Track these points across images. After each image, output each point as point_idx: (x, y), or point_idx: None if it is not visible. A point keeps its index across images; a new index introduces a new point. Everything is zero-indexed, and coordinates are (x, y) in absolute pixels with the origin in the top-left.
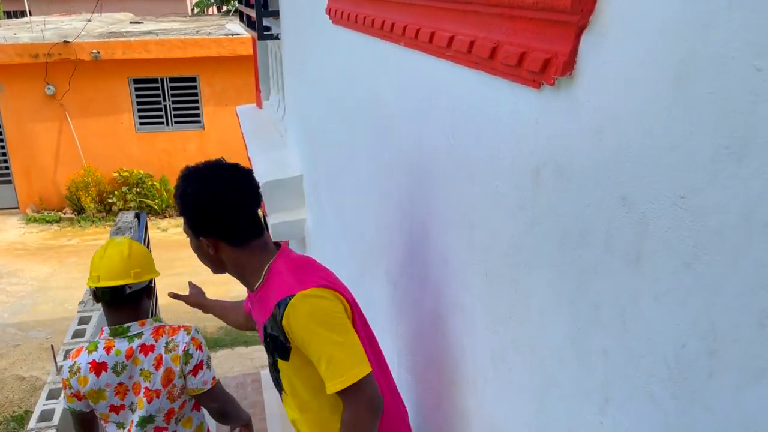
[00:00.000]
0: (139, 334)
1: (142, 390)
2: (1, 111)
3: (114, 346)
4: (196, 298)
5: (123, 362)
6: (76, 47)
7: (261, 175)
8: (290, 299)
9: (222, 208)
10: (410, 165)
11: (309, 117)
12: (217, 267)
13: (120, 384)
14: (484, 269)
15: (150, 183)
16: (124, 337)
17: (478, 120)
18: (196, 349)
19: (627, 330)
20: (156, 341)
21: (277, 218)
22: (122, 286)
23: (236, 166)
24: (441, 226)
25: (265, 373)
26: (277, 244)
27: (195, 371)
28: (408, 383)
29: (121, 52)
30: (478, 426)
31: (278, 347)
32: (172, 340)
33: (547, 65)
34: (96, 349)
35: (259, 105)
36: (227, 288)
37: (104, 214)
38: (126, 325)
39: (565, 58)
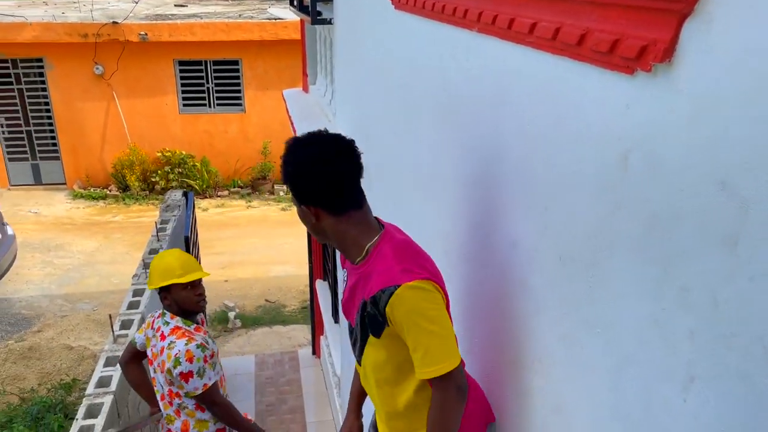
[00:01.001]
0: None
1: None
2: (50, 89)
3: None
4: None
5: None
6: (125, 28)
7: None
8: (396, 289)
9: (320, 175)
10: (478, 151)
11: (363, 103)
12: (321, 236)
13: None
14: (557, 252)
15: (191, 163)
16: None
17: (559, 106)
18: (187, 361)
19: (718, 311)
20: (167, 337)
21: None
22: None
23: (338, 136)
24: (509, 210)
25: (302, 352)
26: (380, 222)
27: (185, 378)
28: (465, 362)
29: (168, 34)
30: (543, 405)
31: (373, 324)
32: (173, 343)
33: (643, 52)
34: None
35: (306, 89)
36: (267, 268)
37: (147, 192)
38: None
39: (665, 45)
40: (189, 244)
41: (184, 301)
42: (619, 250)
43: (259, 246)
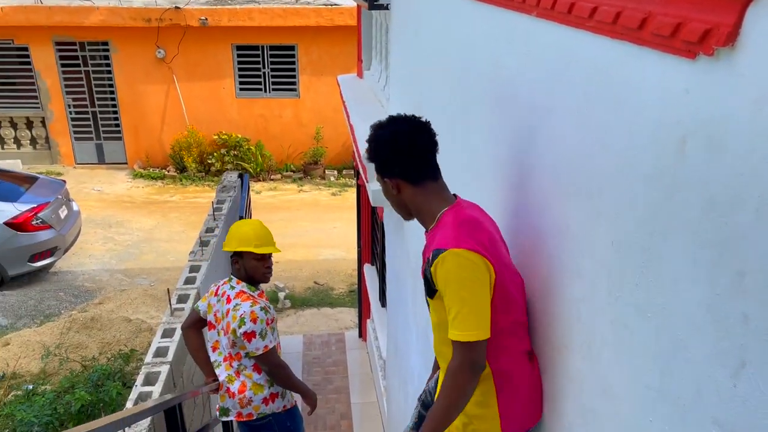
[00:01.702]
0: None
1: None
2: (115, 72)
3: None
4: None
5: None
6: (186, 13)
7: (363, 142)
8: (443, 252)
9: (400, 148)
10: (532, 136)
11: (417, 88)
12: (403, 210)
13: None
14: (610, 237)
15: (246, 147)
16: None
17: (617, 90)
18: (251, 321)
19: None
20: (232, 300)
21: (376, 185)
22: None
23: (414, 117)
24: (561, 194)
25: (349, 335)
26: (455, 196)
27: (247, 338)
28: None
29: (227, 19)
30: (591, 388)
31: (427, 286)
32: (238, 305)
33: (706, 36)
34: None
35: (360, 74)
36: (317, 251)
37: (203, 174)
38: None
39: (729, 29)
40: None
41: (254, 269)
42: (673, 234)
43: (309, 229)
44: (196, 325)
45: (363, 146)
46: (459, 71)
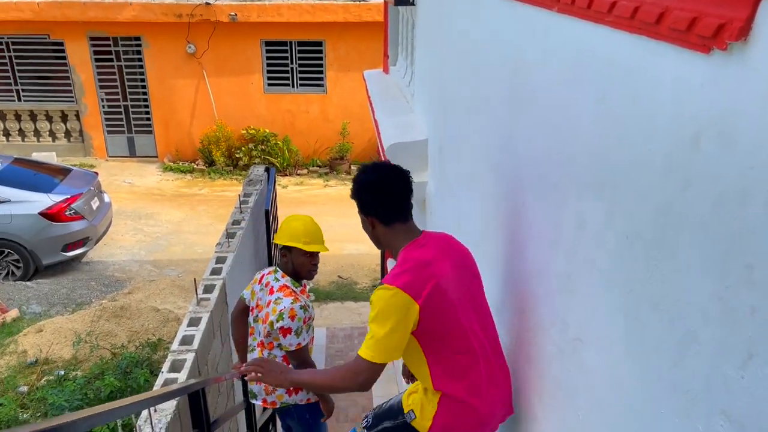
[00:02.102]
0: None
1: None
2: (146, 66)
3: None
4: None
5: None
6: (216, 9)
7: (388, 138)
8: (380, 284)
9: (377, 194)
10: (549, 130)
11: (442, 84)
12: (376, 243)
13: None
14: (625, 230)
15: (274, 142)
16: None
17: (635, 84)
18: (289, 318)
19: None
20: (275, 291)
21: None
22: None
23: (394, 167)
24: (578, 188)
25: None
26: (422, 232)
27: (283, 333)
28: (527, 340)
29: (256, 15)
30: (603, 381)
31: None
32: (280, 299)
33: (720, 30)
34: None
35: (386, 70)
36: (341, 246)
37: (231, 168)
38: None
39: (741, 23)
40: (269, 217)
41: (301, 265)
42: (686, 228)
43: (334, 224)
44: (244, 313)
45: (387, 142)
46: (480, 66)
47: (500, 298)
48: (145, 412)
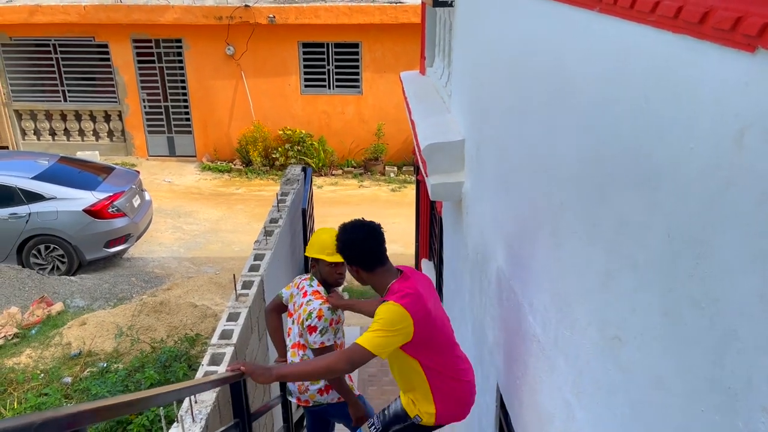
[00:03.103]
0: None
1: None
2: (186, 67)
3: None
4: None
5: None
6: (255, 11)
7: (424, 138)
8: (384, 301)
9: (354, 250)
10: (589, 129)
11: (480, 84)
12: (361, 282)
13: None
14: (666, 228)
15: (310, 142)
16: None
17: (677, 83)
18: (317, 317)
19: None
20: (308, 295)
21: (436, 179)
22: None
23: (368, 224)
24: (619, 187)
25: None
26: (399, 270)
27: (309, 331)
28: (565, 338)
29: (294, 17)
30: (642, 379)
31: None
32: (311, 300)
33: (765, 29)
34: None
35: (423, 71)
36: None
37: (268, 168)
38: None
39: None
40: (305, 216)
41: (327, 274)
42: (728, 225)
43: None
44: (277, 309)
45: (424, 142)
46: (520, 67)
47: (535, 296)
48: (186, 403)
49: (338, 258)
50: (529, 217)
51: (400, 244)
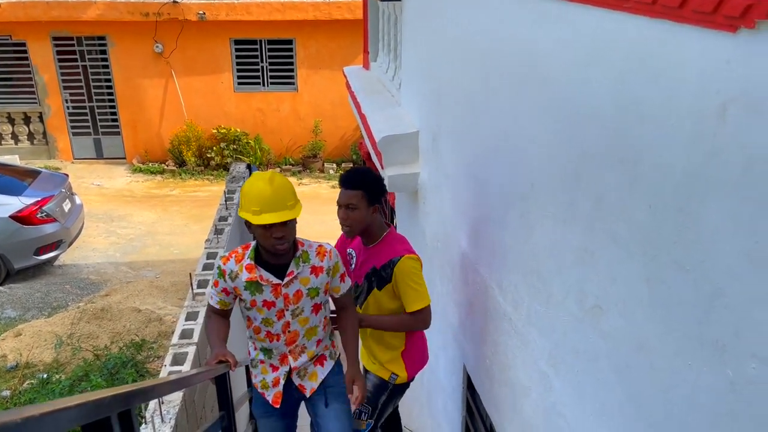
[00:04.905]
0: None
1: None
2: (112, 66)
3: None
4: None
5: None
6: (184, 7)
7: (379, 131)
8: (402, 257)
9: (383, 186)
10: (560, 112)
11: (435, 75)
12: (361, 229)
13: None
14: (647, 201)
15: (245, 141)
16: None
17: (655, 66)
18: (338, 259)
19: None
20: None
21: (392, 171)
22: None
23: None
24: (596, 165)
25: None
26: (388, 224)
27: (342, 278)
28: (539, 313)
29: (225, 13)
30: (626, 345)
31: (380, 280)
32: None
33: (748, 10)
34: None
35: (366, 66)
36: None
37: (203, 168)
38: None
39: None
40: None
41: (259, 238)
42: (712, 193)
43: (310, 221)
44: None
45: (378, 135)
46: (486, 55)
47: (505, 277)
48: (152, 405)
49: (267, 217)
50: (497, 201)
51: None
